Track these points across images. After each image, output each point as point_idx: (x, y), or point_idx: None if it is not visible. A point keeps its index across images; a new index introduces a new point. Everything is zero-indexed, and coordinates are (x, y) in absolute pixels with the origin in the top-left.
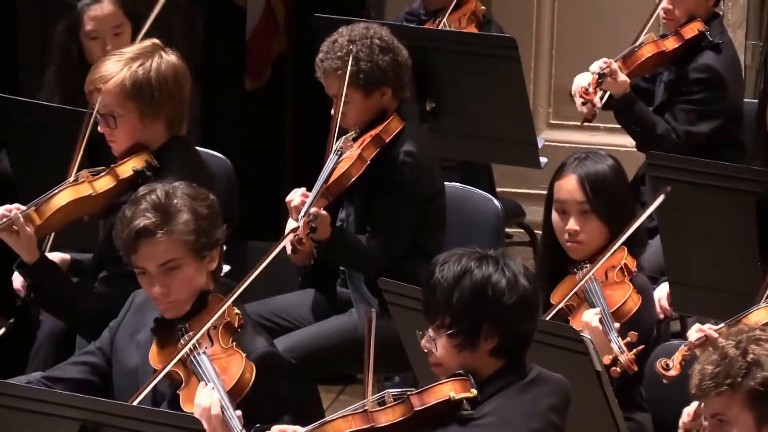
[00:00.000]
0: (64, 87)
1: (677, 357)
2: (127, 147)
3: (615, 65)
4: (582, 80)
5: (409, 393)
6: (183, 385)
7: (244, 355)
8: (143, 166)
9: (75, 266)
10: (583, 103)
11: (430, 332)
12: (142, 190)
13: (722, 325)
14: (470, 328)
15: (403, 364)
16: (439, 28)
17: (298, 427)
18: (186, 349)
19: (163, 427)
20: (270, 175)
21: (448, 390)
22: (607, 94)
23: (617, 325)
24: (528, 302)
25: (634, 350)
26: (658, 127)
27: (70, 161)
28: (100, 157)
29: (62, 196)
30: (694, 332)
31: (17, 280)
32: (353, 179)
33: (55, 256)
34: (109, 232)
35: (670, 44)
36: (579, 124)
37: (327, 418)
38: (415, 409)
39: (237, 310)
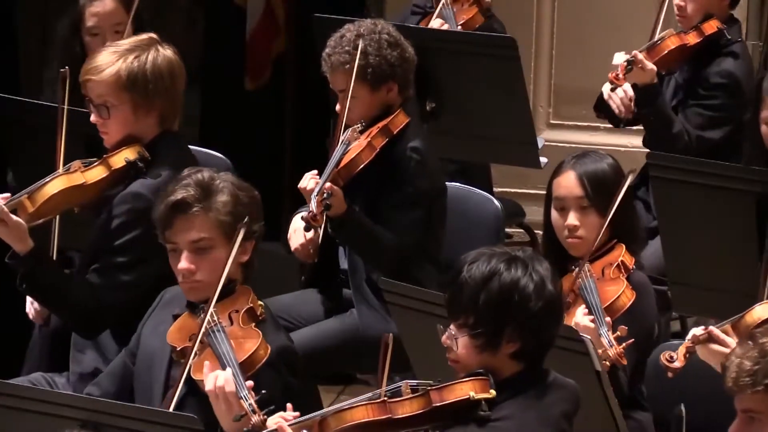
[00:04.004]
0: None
1: (681, 350)
2: (119, 139)
3: (641, 55)
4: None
5: (428, 387)
6: (196, 356)
7: (261, 335)
8: (136, 157)
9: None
10: (619, 106)
11: (452, 329)
12: (188, 170)
13: (725, 323)
14: (493, 331)
15: (403, 364)
16: (440, 8)
17: (296, 413)
18: (206, 320)
19: (163, 427)
20: (270, 175)
21: (468, 389)
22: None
23: (609, 320)
24: (553, 308)
25: (624, 344)
26: (675, 126)
27: (69, 160)
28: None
29: (54, 184)
30: (698, 329)
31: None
32: (363, 165)
33: None
34: (101, 225)
35: (692, 39)
36: (579, 124)
37: (344, 405)
38: (434, 404)
39: (261, 302)
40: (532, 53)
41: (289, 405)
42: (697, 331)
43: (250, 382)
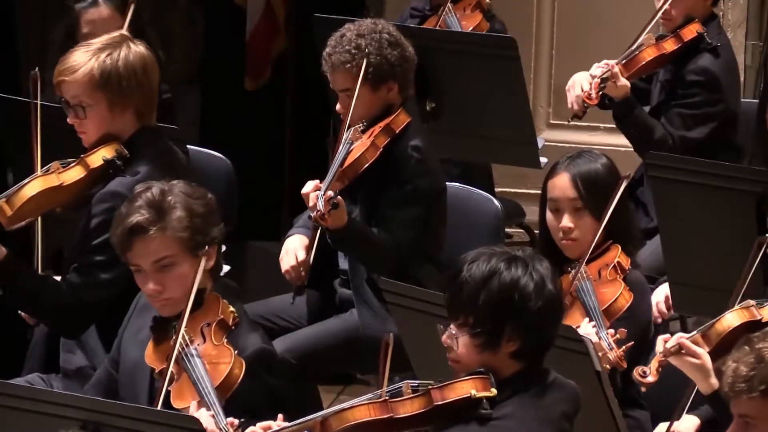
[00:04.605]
0: None
1: (654, 364)
2: (97, 138)
3: (616, 69)
4: (580, 78)
5: (429, 386)
6: (174, 381)
7: (234, 351)
8: (114, 155)
9: None
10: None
11: (452, 329)
12: (139, 187)
13: (695, 332)
14: (493, 330)
15: (403, 364)
16: (443, 16)
17: (280, 423)
18: (177, 346)
19: (163, 427)
20: (270, 175)
21: (469, 387)
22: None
23: (608, 323)
24: (553, 307)
25: (623, 347)
26: (656, 132)
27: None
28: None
29: (32, 186)
30: (666, 340)
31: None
32: (368, 164)
33: None
34: (83, 225)
35: (670, 46)
36: (579, 124)
37: (345, 405)
38: (435, 403)
39: (232, 309)
40: (532, 53)
41: (280, 416)
42: (667, 343)
43: (231, 419)
